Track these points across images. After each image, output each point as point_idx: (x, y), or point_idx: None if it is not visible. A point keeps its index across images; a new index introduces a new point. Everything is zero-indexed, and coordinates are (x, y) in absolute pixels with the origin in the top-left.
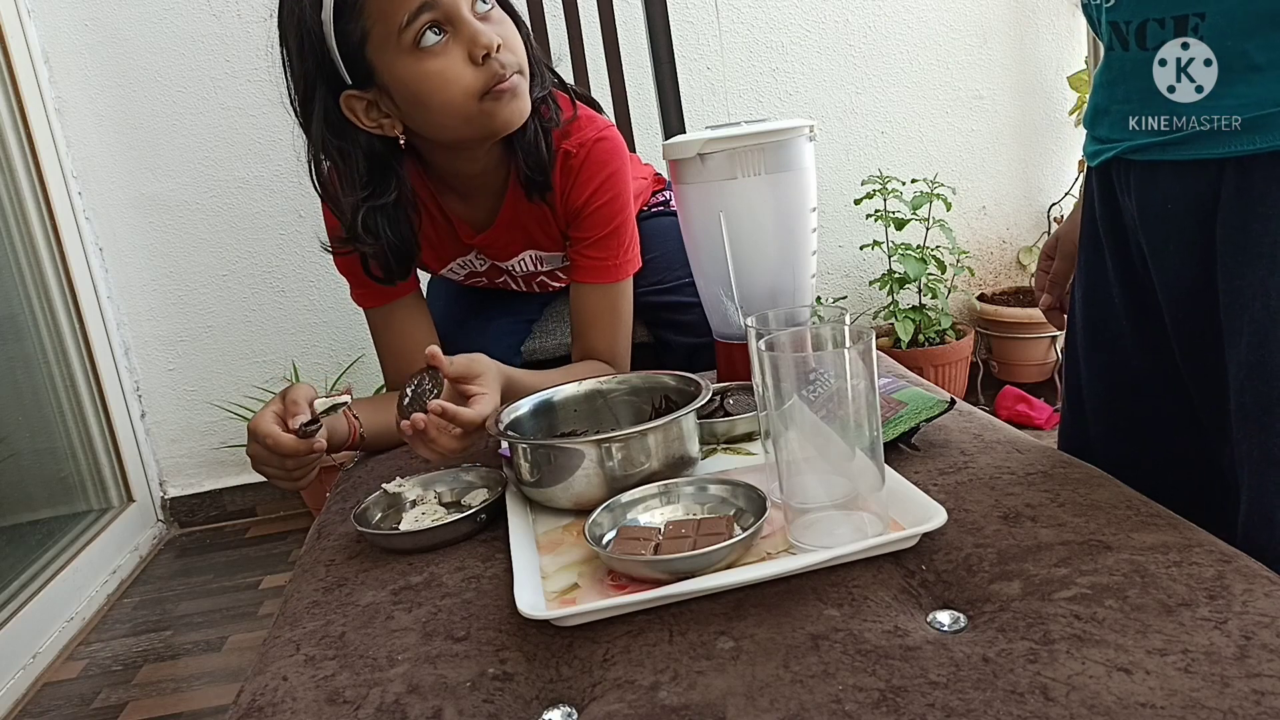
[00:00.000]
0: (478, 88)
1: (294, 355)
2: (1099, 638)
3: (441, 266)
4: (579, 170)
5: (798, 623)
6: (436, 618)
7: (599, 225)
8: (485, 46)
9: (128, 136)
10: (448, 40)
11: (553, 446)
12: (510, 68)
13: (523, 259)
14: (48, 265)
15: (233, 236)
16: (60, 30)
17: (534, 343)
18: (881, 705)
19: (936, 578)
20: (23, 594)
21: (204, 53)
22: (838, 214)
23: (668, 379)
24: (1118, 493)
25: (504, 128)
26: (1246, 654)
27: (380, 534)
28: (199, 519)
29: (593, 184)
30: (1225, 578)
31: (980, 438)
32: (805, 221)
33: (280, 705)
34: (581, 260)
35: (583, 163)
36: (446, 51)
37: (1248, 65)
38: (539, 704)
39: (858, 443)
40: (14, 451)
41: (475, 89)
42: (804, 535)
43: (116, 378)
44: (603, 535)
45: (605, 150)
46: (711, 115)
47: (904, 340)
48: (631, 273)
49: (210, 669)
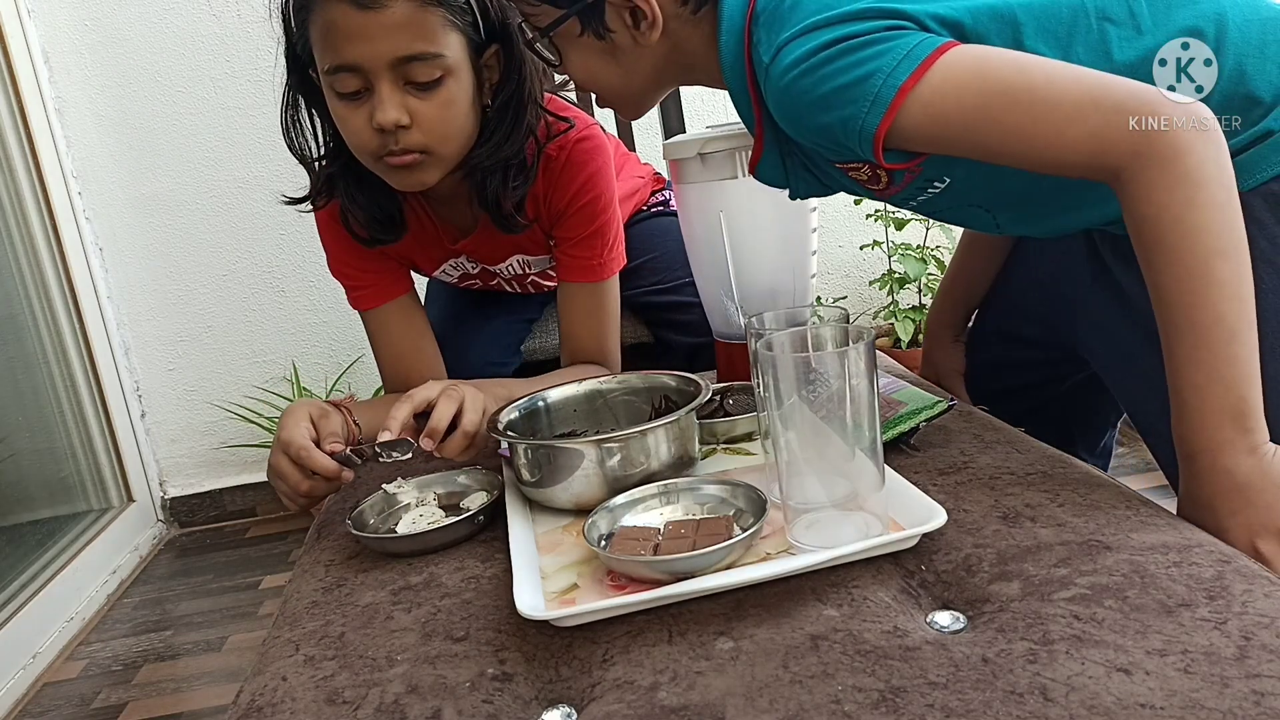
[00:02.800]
0: (370, 150)
1: (294, 355)
2: (1098, 638)
3: (434, 268)
4: (560, 171)
5: (797, 623)
6: (436, 618)
7: (582, 224)
8: (381, 124)
9: (128, 136)
10: (364, 98)
11: (552, 446)
12: (412, 146)
13: (511, 263)
14: (48, 265)
15: (232, 236)
16: (60, 30)
17: (534, 342)
18: (881, 706)
19: (936, 578)
20: (23, 594)
21: (204, 53)
22: (838, 214)
23: (668, 379)
24: (1117, 493)
25: (400, 189)
26: (1246, 654)
27: (376, 538)
28: (199, 519)
29: (574, 184)
30: (1225, 578)
31: (980, 438)
32: (805, 221)
33: (280, 705)
34: (567, 260)
35: (564, 164)
36: (358, 106)
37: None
38: (538, 704)
39: (858, 443)
40: (14, 451)
41: (368, 150)
42: (804, 535)
43: (116, 378)
44: (602, 535)
45: (586, 150)
46: (711, 115)
47: (904, 340)
48: (616, 271)
49: (210, 669)
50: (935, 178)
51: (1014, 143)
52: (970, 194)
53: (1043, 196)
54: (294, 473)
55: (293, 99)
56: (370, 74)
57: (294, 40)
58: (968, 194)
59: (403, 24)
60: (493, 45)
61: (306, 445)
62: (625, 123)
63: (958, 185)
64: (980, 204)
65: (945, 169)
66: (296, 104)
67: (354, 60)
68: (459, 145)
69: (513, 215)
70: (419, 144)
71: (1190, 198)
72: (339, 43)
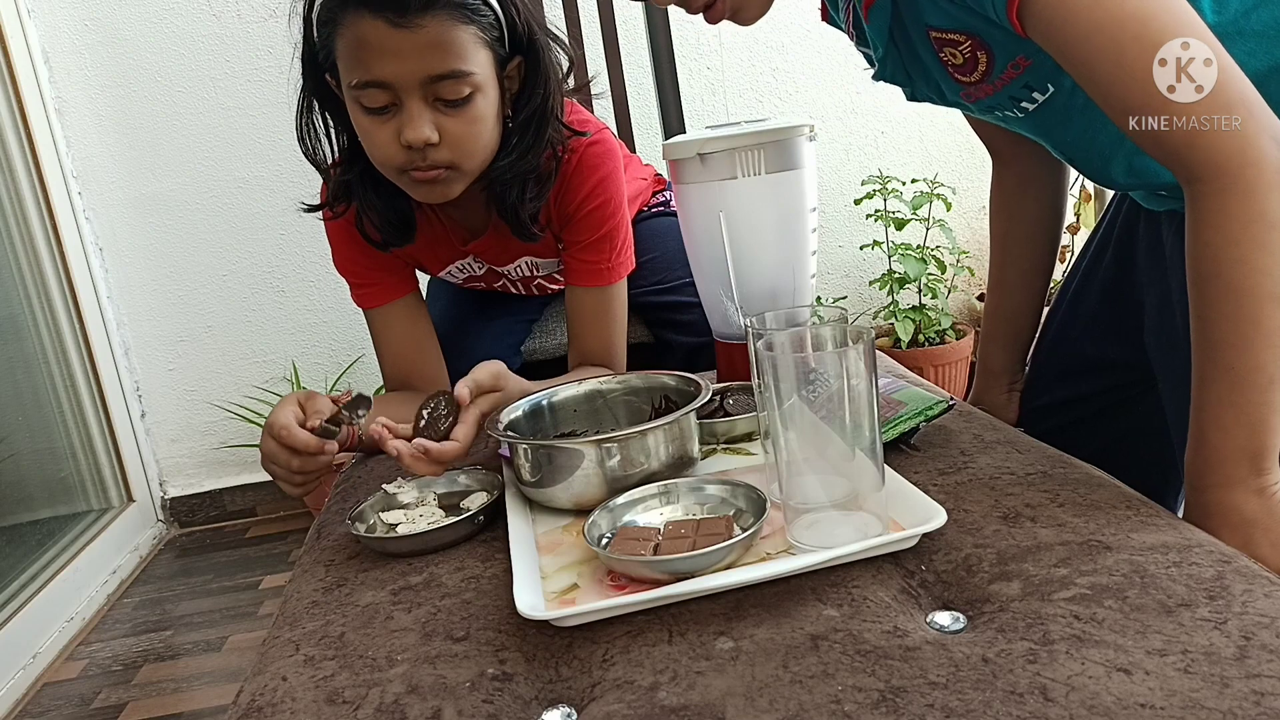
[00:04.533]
0: (396, 165)
1: (294, 355)
2: (1098, 638)
3: (440, 269)
4: (571, 175)
5: (797, 623)
6: (436, 618)
7: (592, 229)
8: (409, 141)
9: (128, 136)
10: (392, 114)
11: (553, 446)
12: (439, 162)
13: (519, 264)
14: (48, 265)
15: (232, 236)
16: (60, 30)
17: (534, 343)
18: (881, 706)
19: (936, 578)
20: (23, 594)
21: (204, 53)
22: (838, 214)
23: (668, 379)
24: (1117, 493)
25: (423, 201)
26: (1246, 654)
27: (376, 538)
28: (199, 519)
29: (585, 188)
30: (1225, 578)
31: (980, 438)
32: (805, 221)
33: (280, 705)
34: (576, 264)
35: (575, 168)
36: (384, 122)
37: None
38: (538, 704)
39: (857, 443)
40: (14, 451)
41: (394, 165)
42: (804, 535)
43: (116, 378)
44: (602, 535)
45: (597, 155)
46: (711, 115)
47: (904, 340)
48: (625, 275)
49: (210, 669)
50: (1038, 86)
51: (1117, 81)
52: (1065, 123)
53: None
54: (281, 452)
55: (308, 104)
56: (400, 91)
57: (315, 48)
58: (1064, 120)
59: (436, 43)
60: (516, 58)
61: (287, 424)
62: (625, 125)
63: (1056, 106)
64: (1069, 141)
65: (1053, 78)
66: (312, 109)
67: (384, 77)
68: (483, 159)
69: (530, 224)
70: (446, 160)
71: (1263, 240)
72: (369, 59)
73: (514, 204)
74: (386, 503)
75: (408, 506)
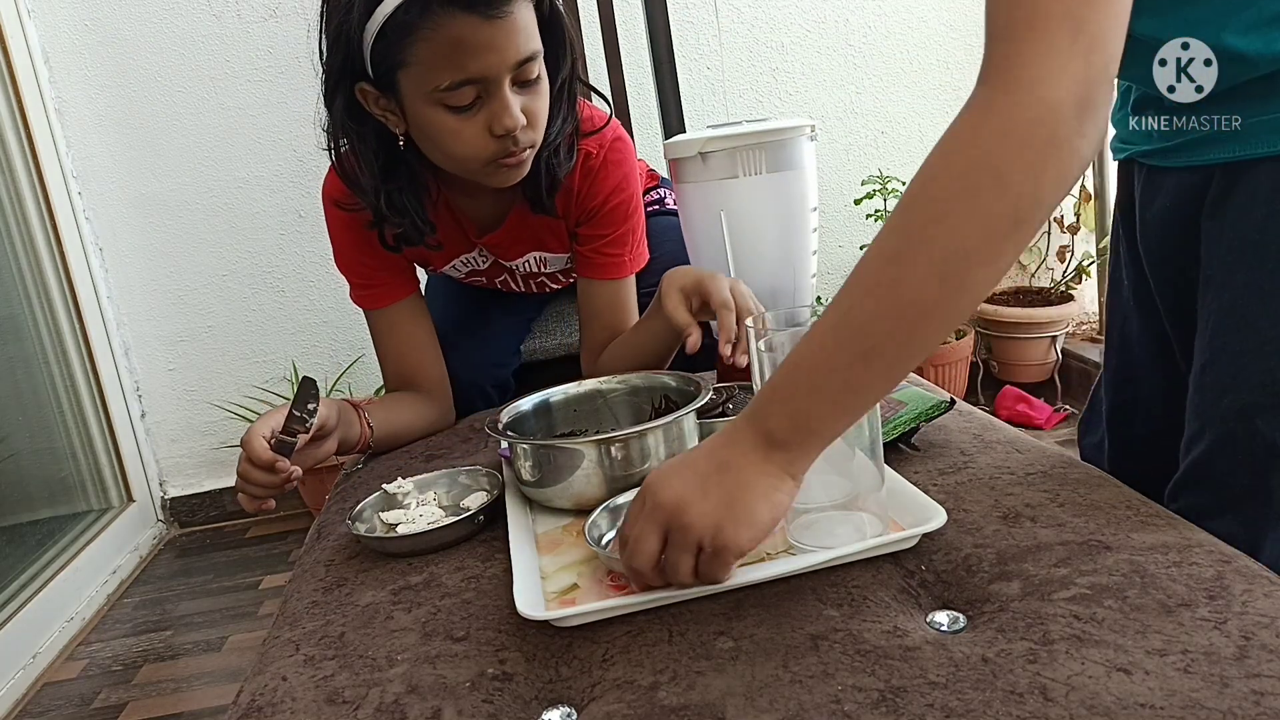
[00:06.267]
0: (486, 156)
1: (294, 355)
2: (1098, 638)
3: (445, 263)
4: (598, 170)
5: (797, 623)
6: (436, 618)
7: (615, 223)
8: (506, 129)
9: (128, 136)
10: (478, 108)
11: (553, 446)
12: (524, 145)
13: (527, 260)
14: (48, 265)
15: (232, 236)
16: (60, 30)
17: (534, 342)
18: (881, 705)
19: (936, 578)
20: (23, 594)
21: (204, 53)
22: (838, 214)
23: (668, 379)
24: (1117, 493)
25: (498, 186)
26: (1246, 654)
27: (376, 538)
28: (199, 519)
29: (611, 183)
30: (1225, 578)
31: (980, 438)
32: (806, 221)
33: (280, 705)
34: (595, 257)
35: (602, 163)
36: (471, 117)
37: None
38: (538, 704)
39: (857, 443)
40: (14, 451)
41: (484, 157)
42: (804, 535)
43: (116, 378)
44: (602, 535)
45: (620, 150)
46: (711, 115)
47: None
48: (639, 269)
49: (210, 669)
50: None
51: None
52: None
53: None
54: (247, 469)
55: (344, 128)
56: (492, 82)
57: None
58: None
59: (520, 28)
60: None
61: (250, 438)
62: (625, 125)
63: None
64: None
65: None
66: (350, 133)
67: (480, 72)
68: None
69: (551, 194)
70: (530, 140)
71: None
72: (464, 57)
73: (551, 169)
74: (386, 503)
75: (408, 506)
